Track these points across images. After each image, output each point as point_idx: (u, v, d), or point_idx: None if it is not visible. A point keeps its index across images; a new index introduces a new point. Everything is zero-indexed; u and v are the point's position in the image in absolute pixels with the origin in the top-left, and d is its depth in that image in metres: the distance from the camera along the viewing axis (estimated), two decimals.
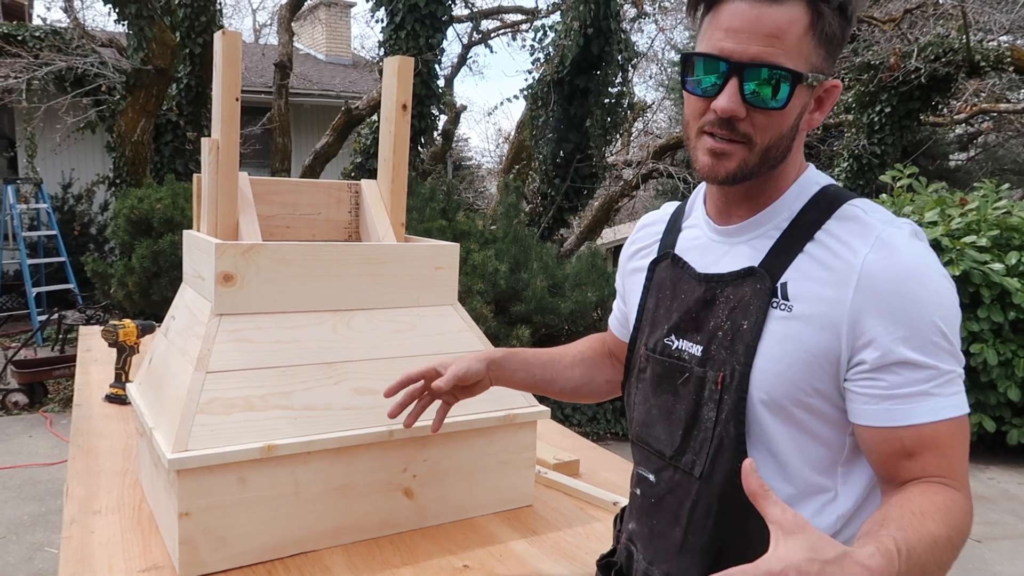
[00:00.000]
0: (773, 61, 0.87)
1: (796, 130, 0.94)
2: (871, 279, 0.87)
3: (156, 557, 1.34)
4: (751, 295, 0.95)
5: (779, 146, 0.93)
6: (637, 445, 1.10)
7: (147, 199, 6.27)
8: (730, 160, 0.92)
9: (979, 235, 5.13)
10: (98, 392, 2.26)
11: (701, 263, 1.03)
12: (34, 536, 3.77)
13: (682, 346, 1.01)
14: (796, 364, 0.91)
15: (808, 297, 0.91)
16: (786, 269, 0.93)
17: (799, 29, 0.87)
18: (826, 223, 0.93)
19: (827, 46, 0.90)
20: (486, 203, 12.30)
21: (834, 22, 0.89)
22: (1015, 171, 14.24)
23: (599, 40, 7.62)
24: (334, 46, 14.87)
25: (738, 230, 1.00)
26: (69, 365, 5.72)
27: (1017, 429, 5.13)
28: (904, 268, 0.87)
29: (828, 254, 0.91)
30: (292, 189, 1.76)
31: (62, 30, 8.50)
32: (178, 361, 1.44)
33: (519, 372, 1.29)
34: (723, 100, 0.89)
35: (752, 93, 0.89)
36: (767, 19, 0.87)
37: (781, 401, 0.93)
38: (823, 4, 0.88)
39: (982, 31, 8.73)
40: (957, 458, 0.89)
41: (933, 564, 0.80)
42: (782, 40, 0.87)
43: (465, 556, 1.41)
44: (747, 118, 0.90)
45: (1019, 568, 3.83)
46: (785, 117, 0.91)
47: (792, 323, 0.91)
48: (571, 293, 5.64)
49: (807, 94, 0.92)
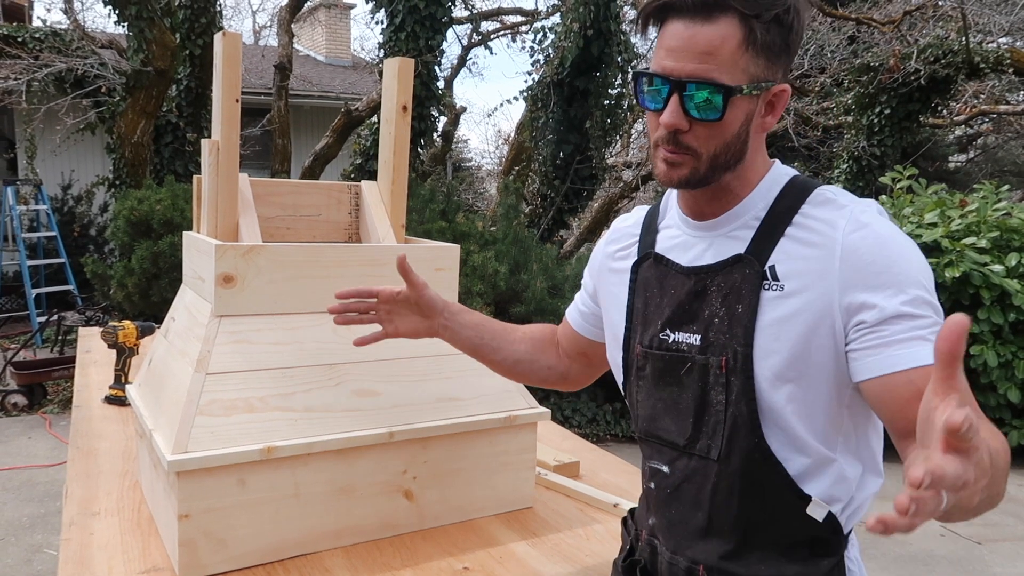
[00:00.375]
0: (707, 77, 0.93)
1: (745, 135, 0.99)
2: (854, 248, 0.93)
3: (156, 559, 1.34)
4: (741, 280, 0.99)
5: (727, 153, 0.98)
6: (646, 440, 1.12)
7: (147, 200, 6.27)
8: (681, 168, 0.99)
9: (979, 237, 5.13)
10: (97, 394, 2.26)
11: (685, 258, 1.07)
12: (33, 538, 3.76)
13: (679, 338, 1.05)
14: (795, 338, 0.95)
15: (797, 274, 0.96)
16: (772, 252, 0.99)
17: (732, 44, 0.93)
18: (802, 207, 0.99)
19: (767, 55, 0.95)
20: (486, 204, 12.31)
21: (771, 32, 0.94)
22: (1015, 172, 14.25)
23: (599, 42, 7.62)
24: (334, 48, 14.88)
25: (717, 224, 1.04)
26: (69, 366, 5.71)
27: (1017, 431, 5.13)
28: (881, 236, 0.94)
29: (809, 233, 0.97)
30: (292, 190, 1.76)
31: (62, 31, 8.50)
32: (178, 362, 1.44)
33: (468, 329, 1.33)
34: (666, 115, 0.96)
35: (692, 107, 0.95)
36: (701, 38, 0.93)
37: (785, 375, 0.96)
38: (754, 20, 0.92)
39: (981, 33, 8.73)
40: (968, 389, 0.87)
41: (1002, 475, 0.79)
42: (715, 56, 0.93)
43: (465, 558, 1.41)
44: (691, 131, 0.97)
45: (1020, 570, 3.83)
46: (726, 127, 0.96)
47: (786, 301, 0.96)
48: (571, 294, 5.63)
49: (749, 102, 0.97)
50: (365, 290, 1.31)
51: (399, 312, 1.33)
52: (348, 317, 1.32)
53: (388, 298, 1.31)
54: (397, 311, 1.33)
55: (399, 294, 1.31)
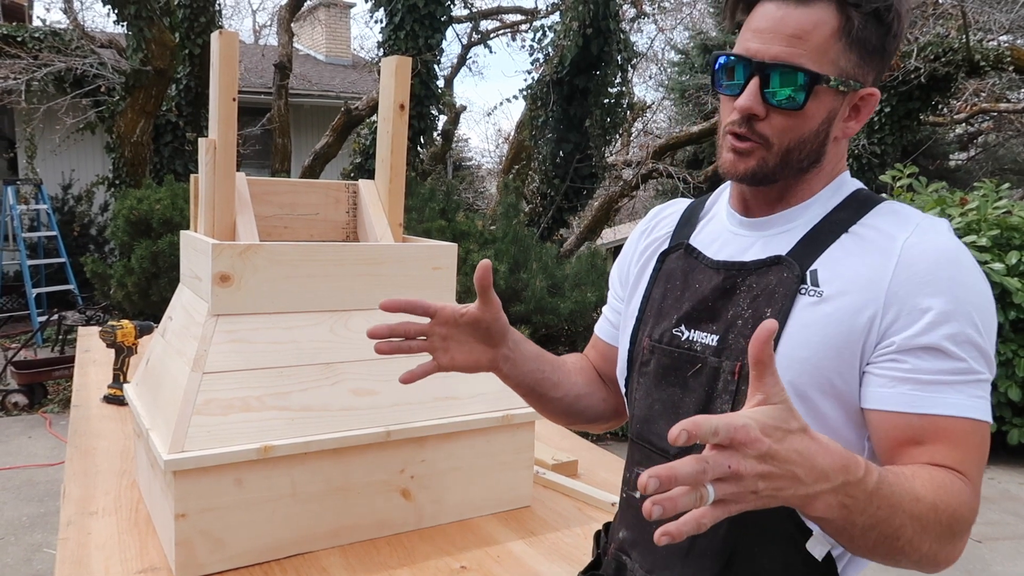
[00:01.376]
0: (793, 62, 0.87)
1: (825, 136, 0.92)
2: (911, 259, 0.85)
3: (153, 558, 1.34)
4: (777, 283, 0.91)
5: (801, 150, 0.91)
6: (637, 443, 1.04)
7: (146, 200, 6.27)
8: (749, 159, 0.92)
9: (979, 235, 5.13)
10: (96, 393, 2.26)
11: (721, 254, 1.00)
12: (33, 537, 3.76)
13: (693, 336, 0.97)
14: (822, 348, 0.87)
15: (842, 278, 0.88)
16: (818, 257, 0.91)
17: (825, 31, 0.87)
18: (862, 218, 0.92)
19: (860, 51, 0.88)
20: (486, 203, 12.30)
21: (868, 28, 0.88)
22: (1015, 171, 14.23)
23: (598, 40, 7.62)
24: (334, 47, 14.87)
25: (766, 223, 0.97)
26: (69, 366, 5.71)
27: (1017, 429, 5.13)
28: (945, 252, 0.85)
29: (864, 242, 0.89)
30: (290, 189, 1.76)
31: (61, 31, 8.50)
32: (175, 362, 1.44)
33: (531, 361, 1.11)
34: (743, 98, 0.90)
35: (771, 92, 0.88)
36: (791, 20, 0.87)
37: (804, 388, 0.88)
38: (852, 8, 0.86)
39: (982, 31, 8.72)
40: (971, 456, 0.83)
41: (907, 516, 0.76)
42: (805, 41, 0.87)
43: (463, 557, 1.41)
44: (767, 119, 0.90)
45: (1019, 568, 3.83)
46: (805, 120, 0.90)
47: (821, 307, 0.88)
48: (571, 293, 5.64)
49: (834, 99, 0.90)
50: (419, 304, 1.01)
51: (459, 338, 1.05)
52: (393, 344, 1.02)
53: (448, 319, 1.03)
54: (456, 336, 1.05)
55: (464, 315, 1.03)
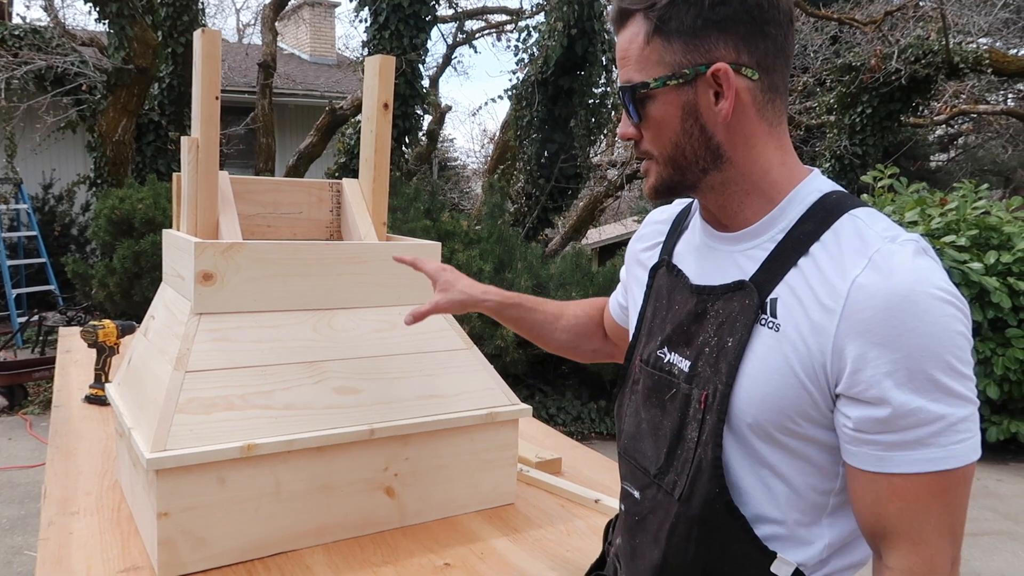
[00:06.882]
0: (627, 80, 0.92)
1: (699, 130, 0.90)
2: (857, 305, 0.80)
3: (135, 558, 1.33)
4: (739, 311, 0.89)
5: (683, 151, 0.91)
6: (624, 458, 1.07)
7: (128, 199, 6.22)
8: (650, 177, 0.96)
9: (958, 235, 5.19)
10: (78, 393, 2.24)
11: (698, 271, 0.99)
12: (13, 540, 3.72)
13: (673, 359, 0.97)
14: (783, 388, 0.85)
15: (794, 319, 0.85)
16: (777, 284, 0.87)
17: (639, 41, 0.90)
18: (823, 235, 0.86)
19: (683, 38, 0.87)
20: (471, 203, 12.29)
21: (678, 14, 0.86)
22: (994, 172, 14.40)
23: (583, 41, 7.64)
24: (318, 46, 14.81)
25: (736, 239, 0.95)
26: (50, 367, 5.66)
27: (996, 426, 5.19)
28: (896, 292, 0.78)
29: (820, 273, 0.84)
30: (273, 188, 1.76)
31: (42, 29, 8.40)
32: (157, 361, 1.44)
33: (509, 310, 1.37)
34: (619, 127, 0.98)
35: (630, 113, 0.94)
36: (620, 45, 0.93)
37: (767, 428, 0.87)
38: (649, 10, 0.89)
39: (961, 34, 8.81)
40: (930, 518, 0.80)
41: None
42: (629, 58, 0.92)
43: (447, 554, 1.42)
44: (643, 137, 0.95)
45: (998, 564, 3.88)
46: (664, 124, 0.91)
47: (779, 343, 0.85)
48: (556, 293, 5.65)
49: (679, 94, 0.89)
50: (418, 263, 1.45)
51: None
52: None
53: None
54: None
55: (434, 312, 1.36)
